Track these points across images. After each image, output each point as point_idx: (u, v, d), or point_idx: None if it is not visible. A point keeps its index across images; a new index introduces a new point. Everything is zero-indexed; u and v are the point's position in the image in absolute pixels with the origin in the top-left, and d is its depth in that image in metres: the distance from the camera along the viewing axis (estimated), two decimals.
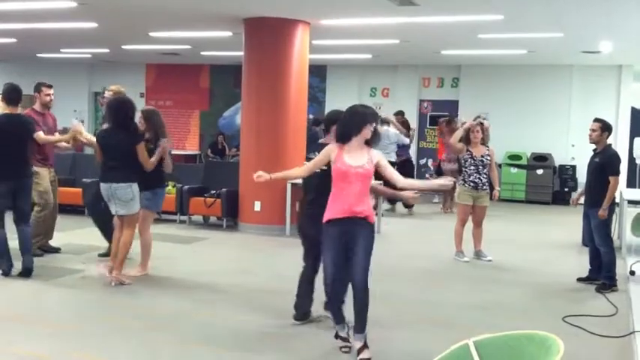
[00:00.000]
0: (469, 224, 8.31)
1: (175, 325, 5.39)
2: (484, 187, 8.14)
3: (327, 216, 4.64)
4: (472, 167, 8.11)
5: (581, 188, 7.57)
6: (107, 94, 7.44)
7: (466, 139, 8.18)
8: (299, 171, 5.26)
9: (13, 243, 6.75)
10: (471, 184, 8.10)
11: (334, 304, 4.83)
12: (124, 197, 6.42)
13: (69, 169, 11.13)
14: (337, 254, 4.61)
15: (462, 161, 8.27)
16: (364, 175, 4.58)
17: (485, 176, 8.14)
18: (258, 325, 5.43)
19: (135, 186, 6.48)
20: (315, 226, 4.80)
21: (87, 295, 6.20)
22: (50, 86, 7.65)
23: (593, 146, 7.03)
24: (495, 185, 8.32)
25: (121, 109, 6.54)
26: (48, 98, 7.57)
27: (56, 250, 7.85)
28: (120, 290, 6.38)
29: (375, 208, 8.54)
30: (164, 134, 6.89)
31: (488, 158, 8.17)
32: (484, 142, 8.29)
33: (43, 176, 7.51)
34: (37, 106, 7.56)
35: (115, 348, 4.82)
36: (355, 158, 4.56)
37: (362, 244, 4.56)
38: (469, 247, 8.34)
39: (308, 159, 5.15)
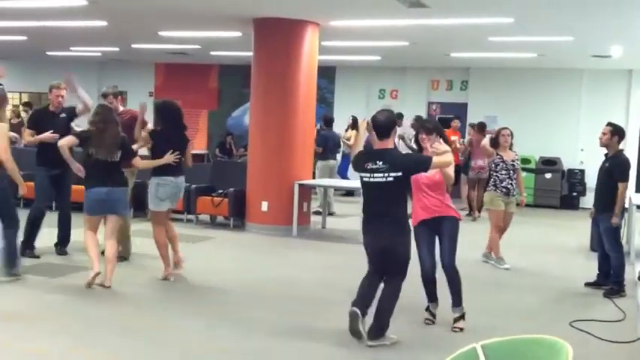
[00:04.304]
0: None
1: (179, 324, 5.39)
2: (513, 193, 8.00)
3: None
4: (504, 172, 7.93)
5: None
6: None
7: (494, 143, 8.08)
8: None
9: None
10: (504, 189, 7.93)
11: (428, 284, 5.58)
12: None
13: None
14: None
15: (493, 166, 8.06)
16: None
17: (515, 182, 8.00)
18: (264, 326, 5.42)
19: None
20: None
21: (89, 293, 6.19)
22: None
23: (604, 150, 6.99)
24: (522, 192, 8.18)
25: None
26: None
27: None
28: (123, 289, 6.38)
29: None
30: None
31: (518, 163, 8.04)
32: (511, 147, 8.13)
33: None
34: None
35: (117, 346, 4.83)
36: None
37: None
38: (476, 252, 8.30)
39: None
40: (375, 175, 4.86)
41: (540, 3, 8.01)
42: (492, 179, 8.09)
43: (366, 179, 4.93)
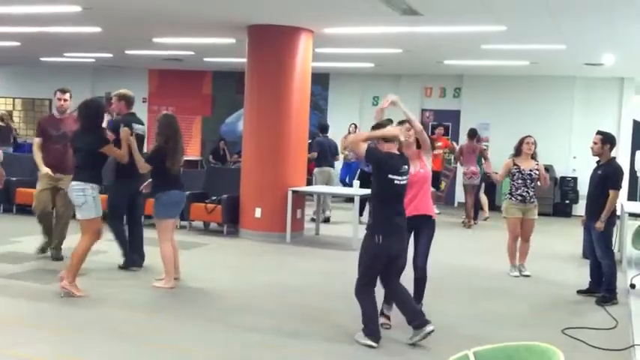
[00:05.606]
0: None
1: (173, 331, 5.38)
2: (532, 200, 7.96)
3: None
4: (520, 181, 7.91)
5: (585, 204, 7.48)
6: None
7: (517, 151, 8.04)
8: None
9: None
10: (519, 197, 7.92)
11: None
12: (74, 200, 6.25)
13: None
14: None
15: (510, 175, 8.04)
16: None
17: (532, 190, 7.96)
18: (258, 331, 5.42)
19: (88, 190, 6.17)
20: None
21: (86, 300, 6.17)
22: (64, 91, 7.77)
23: (596, 158, 7.03)
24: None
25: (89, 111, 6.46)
26: (59, 103, 7.73)
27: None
28: (118, 295, 6.36)
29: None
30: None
31: (537, 172, 7.97)
32: (534, 156, 8.09)
33: (40, 178, 7.61)
34: (54, 111, 7.93)
35: (110, 351, 4.82)
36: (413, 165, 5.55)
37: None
38: (470, 259, 8.31)
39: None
40: (403, 177, 5.24)
41: (532, 11, 8.06)
42: (509, 187, 8.08)
43: (397, 182, 5.20)
